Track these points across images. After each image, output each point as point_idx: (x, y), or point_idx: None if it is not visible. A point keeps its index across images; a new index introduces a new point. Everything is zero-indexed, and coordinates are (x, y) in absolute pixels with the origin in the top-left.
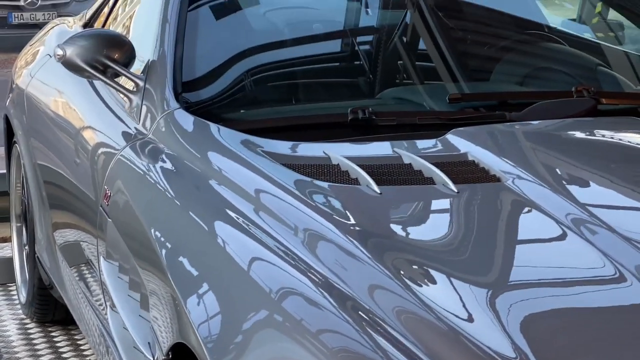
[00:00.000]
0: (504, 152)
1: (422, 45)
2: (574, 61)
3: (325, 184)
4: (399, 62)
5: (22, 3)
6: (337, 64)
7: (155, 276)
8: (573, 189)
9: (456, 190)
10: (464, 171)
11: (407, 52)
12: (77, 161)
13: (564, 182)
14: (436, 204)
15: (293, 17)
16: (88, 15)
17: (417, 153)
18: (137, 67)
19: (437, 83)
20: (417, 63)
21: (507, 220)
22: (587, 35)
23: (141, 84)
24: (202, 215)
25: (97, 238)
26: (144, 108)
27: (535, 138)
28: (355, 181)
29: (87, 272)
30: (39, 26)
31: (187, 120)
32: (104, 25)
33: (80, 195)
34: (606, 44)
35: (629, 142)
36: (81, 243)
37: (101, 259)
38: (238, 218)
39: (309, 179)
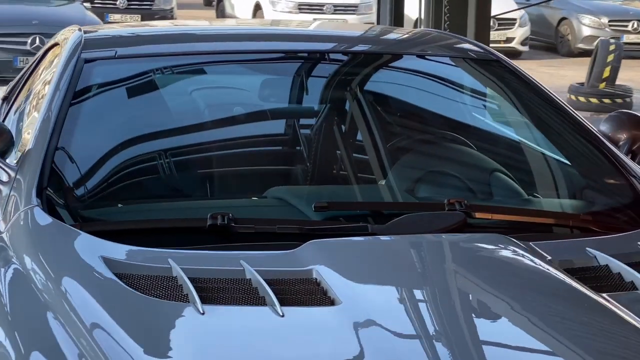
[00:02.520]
0: (351, 271)
1: (314, 142)
2: (470, 165)
3: (152, 301)
4: (294, 158)
5: None
6: (221, 158)
7: None
8: (413, 319)
9: (281, 314)
10: (301, 291)
11: (300, 149)
12: None
13: (405, 310)
14: (255, 330)
15: (177, 111)
16: (9, 89)
17: (263, 266)
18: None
19: (324, 186)
20: (313, 159)
21: (321, 356)
22: (513, 135)
23: (12, 174)
24: (24, 337)
25: None
26: (11, 200)
27: (389, 256)
28: (186, 298)
29: None
30: None
31: (41, 219)
32: (12, 103)
33: None
34: (532, 145)
35: (489, 263)
36: None
37: None
38: (59, 345)
39: (138, 294)
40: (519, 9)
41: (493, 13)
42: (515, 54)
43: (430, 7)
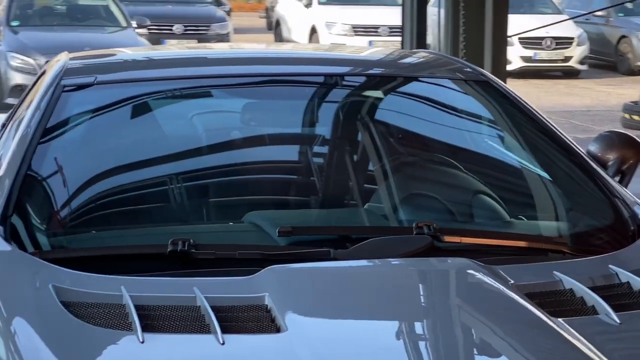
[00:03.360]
0: (305, 298)
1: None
2: (458, 187)
3: (95, 331)
4: (278, 184)
5: None
6: (197, 185)
7: None
8: (356, 346)
9: (222, 342)
10: (248, 318)
11: (286, 176)
12: None
13: (351, 338)
14: (192, 358)
15: (154, 138)
16: (8, 116)
17: (217, 293)
18: None
19: (303, 210)
20: (297, 184)
21: None
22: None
23: None
24: None
25: None
26: None
27: (348, 282)
28: (129, 326)
29: None
30: None
31: (1, 247)
32: (5, 130)
33: None
34: (520, 167)
35: (449, 288)
36: None
37: None
38: None
39: (82, 324)
40: (539, 27)
41: (551, 28)
42: (573, 73)
43: (448, 29)
